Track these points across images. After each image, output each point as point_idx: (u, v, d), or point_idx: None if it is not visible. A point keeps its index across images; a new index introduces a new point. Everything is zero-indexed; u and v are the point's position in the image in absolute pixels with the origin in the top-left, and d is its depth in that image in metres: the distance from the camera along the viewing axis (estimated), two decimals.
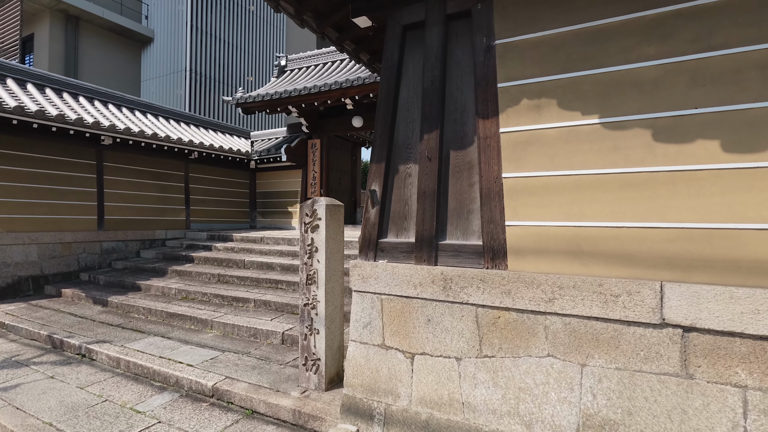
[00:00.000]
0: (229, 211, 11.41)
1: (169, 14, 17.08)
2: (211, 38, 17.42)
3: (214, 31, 17.54)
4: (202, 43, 17.02)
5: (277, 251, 7.84)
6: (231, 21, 18.33)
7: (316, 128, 11.06)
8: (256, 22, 19.61)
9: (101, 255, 8.42)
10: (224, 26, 18.02)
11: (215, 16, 17.60)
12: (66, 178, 7.91)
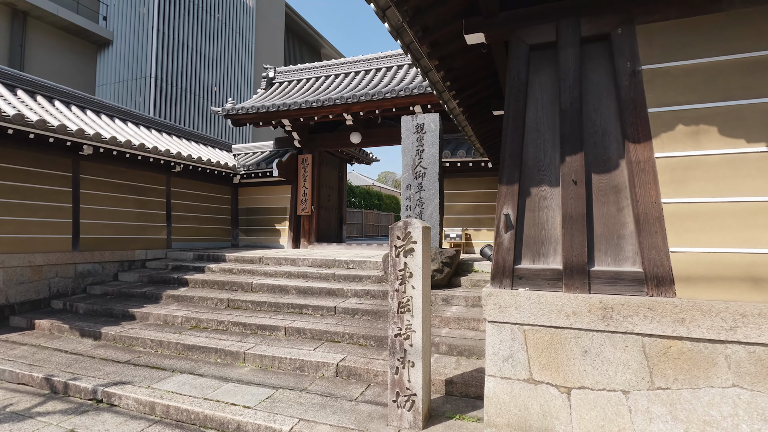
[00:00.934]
0: (210, 229, 10.62)
1: (131, 16, 15.94)
2: (178, 45, 16.44)
3: (181, 37, 16.59)
4: (168, 49, 16.00)
5: (284, 272, 7.35)
6: (198, 28, 17.47)
7: (306, 143, 10.70)
8: (224, 30, 18.85)
9: (75, 279, 7.42)
10: (191, 33, 17.11)
11: (182, 21, 16.68)
12: (38, 192, 6.93)
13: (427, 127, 6.48)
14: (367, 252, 9.40)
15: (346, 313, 5.65)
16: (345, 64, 10.80)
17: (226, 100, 18.80)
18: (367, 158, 12.97)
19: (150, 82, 15.23)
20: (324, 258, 7.82)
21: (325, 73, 10.83)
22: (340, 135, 10.42)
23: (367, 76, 10.09)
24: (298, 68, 11.26)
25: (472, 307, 5.53)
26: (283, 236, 10.83)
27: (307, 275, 7.18)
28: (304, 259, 7.91)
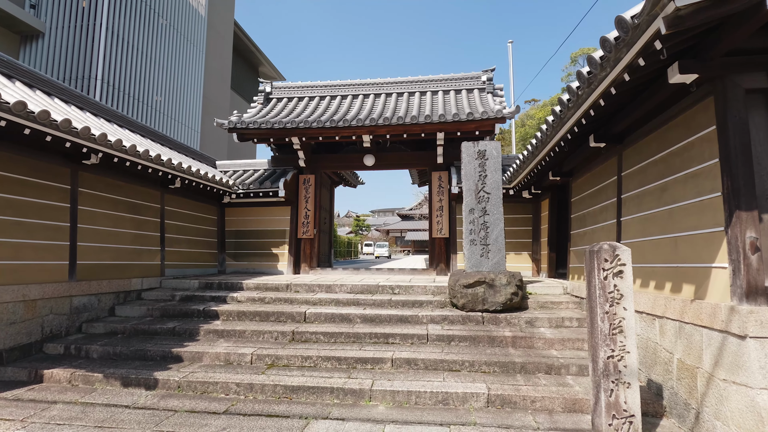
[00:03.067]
0: (198, 254, 9.43)
1: (68, 9, 13.86)
2: (127, 47, 14.63)
3: (130, 39, 14.82)
4: (117, 51, 14.16)
5: (330, 300, 6.85)
6: (149, 32, 15.81)
7: (309, 163, 10.24)
8: (175, 37, 17.31)
9: (70, 316, 6.02)
10: (142, 36, 15.39)
11: (132, 23, 14.95)
12: (35, 208, 5.57)
13: (489, 153, 6.71)
14: (384, 276, 9.16)
15: (440, 340, 5.44)
16: (349, 86, 10.68)
17: (172, 110, 17.09)
18: (356, 181, 12.75)
19: (95, 84, 13.26)
20: (359, 284, 7.44)
21: (330, 93, 10.57)
22: (350, 157, 10.16)
23: (378, 100, 10.10)
24: (297, 85, 10.80)
25: (557, 328, 5.74)
26: (282, 261, 10.03)
27: (359, 302, 6.77)
28: (341, 285, 7.45)
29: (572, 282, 6.85)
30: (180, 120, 17.57)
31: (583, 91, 4.04)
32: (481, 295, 6.07)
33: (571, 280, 6.97)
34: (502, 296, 6.02)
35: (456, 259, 9.39)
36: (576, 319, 5.85)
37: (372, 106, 9.82)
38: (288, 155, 10.36)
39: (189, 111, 18.22)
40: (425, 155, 10.03)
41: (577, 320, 5.84)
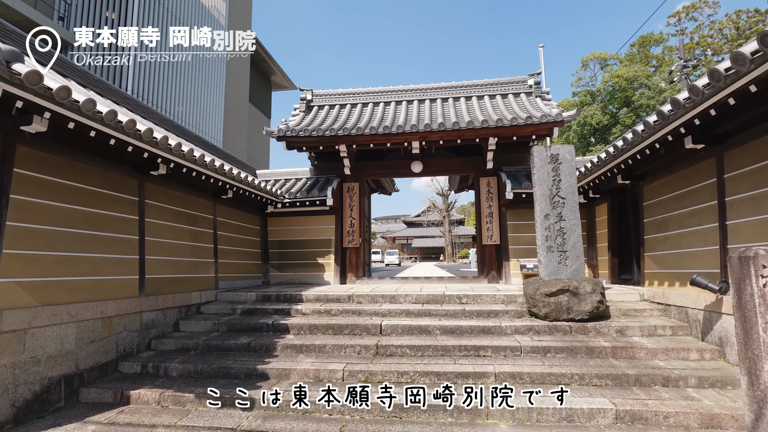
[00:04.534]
0: (245, 265, 9.22)
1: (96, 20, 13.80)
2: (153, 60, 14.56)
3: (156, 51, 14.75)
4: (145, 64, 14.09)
5: (401, 311, 6.63)
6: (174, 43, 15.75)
7: (354, 170, 10.07)
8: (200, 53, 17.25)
9: (140, 332, 5.79)
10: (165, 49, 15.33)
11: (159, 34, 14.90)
12: (108, 221, 5.38)
13: (563, 157, 6.54)
14: (431, 285, 8.95)
15: (535, 352, 5.22)
16: (391, 92, 10.55)
17: (195, 122, 16.97)
18: (392, 188, 12.58)
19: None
20: (424, 294, 7.23)
21: (372, 100, 10.44)
22: (395, 164, 10.00)
23: (423, 106, 9.96)
24: (338, 92, 10.68)
25: (652, 337, 5.53)
26: (327, 271, 9.81)
27: (431, 313, 6.55)
28: (405, 296, 7.24)
29: (650, 288, 6.64)
30: (202, 131, 17.44)
31: (699, 97, 3.96)
32: (565, 303, 5.86)
33: (649, 286, 6.75)
34: (588, 304, 5.81)
35: (508, 267, 9.18)
36: (669, 327, 5.63)
37: (418, 112, 9.67)
38: (329, 163, 10.20)
39: (211, 123, 18.12)
40: (472, 161, 9.87)
41: (669, 328, 5.62)
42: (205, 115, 17.63)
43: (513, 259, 9.16)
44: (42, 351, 4.31)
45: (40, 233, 4.40)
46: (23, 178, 4.27)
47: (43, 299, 4.38)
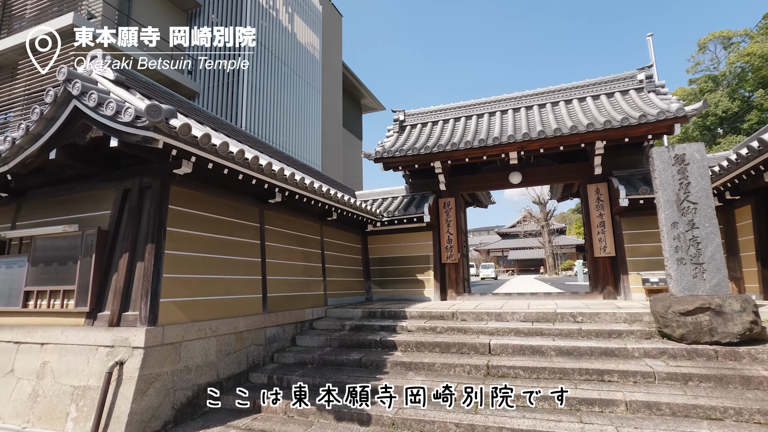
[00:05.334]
0: (349, 282, 9.66)
1: (218, 70, 15.89)
2: (263, 97, 16.31)
3: (264, 89, 16.50)
4: (255, 102, 15.83)
5: (509, 330, 6.37)
6: (278, 80, 17.47)
7: (449, 185, 10.04)
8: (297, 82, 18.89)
9: (265, 346, 6.39)
10: (273, 85, 17.07)
11: (266, 74, 16.67)
12: (238, 246, 6.09)
13: (690, 157, 5.80)
14: (539, 302, 8.44)
15: (673, 379, 4.63)
16: (483, 104, 10.41)
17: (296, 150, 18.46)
18: (488, 201, 12.29)
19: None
20: (532, 311, 6.86)
21: (464, 114, 10.41)
22: (491, 176, 9.79)
23: (519, 114, 9.65)
24: (429, 110, 10.85)
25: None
26: (427, 287, 9.86)
27: (542, 332, 6.19)
28: (512, 313, 6.95)
29: None
30: (303, 158, 18.89)
31: None
32: (705, 324, 5.11)
33: None
34: (737, 326, 4.99)
35: (627, 281, 8.30)
36: None
37: (514, 121, 9.38)
38: (424, 180, 10.32)
39: (310, 149, 19.55)
40: (577, 167, 9.23)
41: None
42: (305, 142, 19.11)
43: (632, 273, 8.27)
44: (192, 361, 4.99)
45: (189, 259, 5.15)
46: (175, 213, 5.05)
47: (192, 316, 5.09)
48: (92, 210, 5.21)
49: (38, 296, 5.20)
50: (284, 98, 17.82)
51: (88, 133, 4.31)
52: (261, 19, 16.69)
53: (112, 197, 5.14)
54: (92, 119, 4.13)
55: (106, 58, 4.95)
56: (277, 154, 8.60)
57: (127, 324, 4.65)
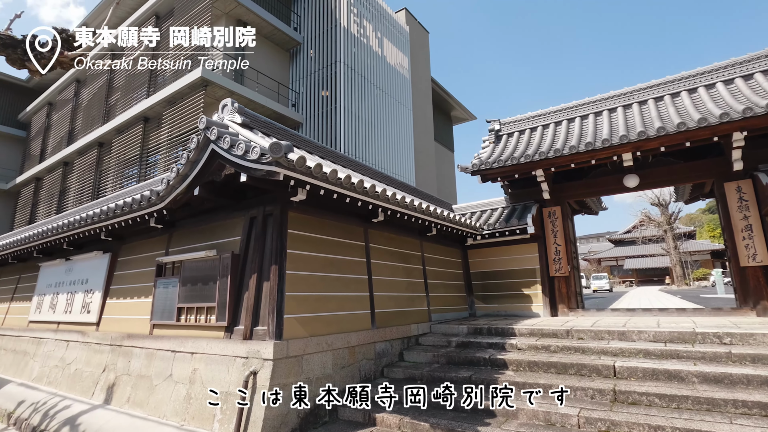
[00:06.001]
0: (451, 297, 9.57)
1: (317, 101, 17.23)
2: (358, 121, 17.24)
3: (359, 113, 17.42)
4: (351, 127, 16.79)
5: (633, 350, 5.73)
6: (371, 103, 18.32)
7: (553, 194, 9.45)
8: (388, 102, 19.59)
9: (375, 361, 6.62)
10: (367, 108, 17.95)
11: (360, 99, 17.61)
12: (347, 264, 6.46)
13: None
14: (670, 319, 7.42)
15: None
16: (587, 104, 9.70)
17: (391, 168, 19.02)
18: (599, 207, 11.31)
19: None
20: (664, 330, 6.07)
21: (566, 117, 9.80)
22: (601, 181, 9.02)
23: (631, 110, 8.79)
24: (526, 117, 10.44)
25: None
26: (535, 302, 9.33)
27: (679, 355, 5.45)
28: (639, 332, 6.23)
29: None
30: (398, 174, 19.39)
31: None
32: None
33: None
34: None
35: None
36: None
37: (625, 118, 8.55)
38: (525, 189, 9.88)
39: (404, 166, 20.00)
40: (708, 164, 8.05)
41: None
42: (399, 159, 19.64)
43: None
44: (312, 373, 5.39)
45: (306, 278, 5.61)
46: (293, 236, 5.56)
47: (311, 331, 5.51)
48: (226, 237, 5.99)
49: (188, 312, 6.09)
50: (378, 119, 18.59)
51: (222, 171, 5.00)
52: (352, 47, 17.75)
53: (241, 225, 5.86)
54: (226, 159, 4.79)
55: (234, 105, 5.73)
56: (376, 174, 8.99)
57: (257, 338, 5.20)
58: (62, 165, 21.09)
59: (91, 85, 20.26)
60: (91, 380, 7.13)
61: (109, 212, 6.71)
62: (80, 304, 8.38)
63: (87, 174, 19.00)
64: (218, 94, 14.36)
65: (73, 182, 20.06)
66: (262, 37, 17.26)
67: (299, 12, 18.84)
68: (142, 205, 6.09)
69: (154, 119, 15.93)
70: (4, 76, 25.53)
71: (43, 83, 24.79)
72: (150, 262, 7.05)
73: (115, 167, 17.31)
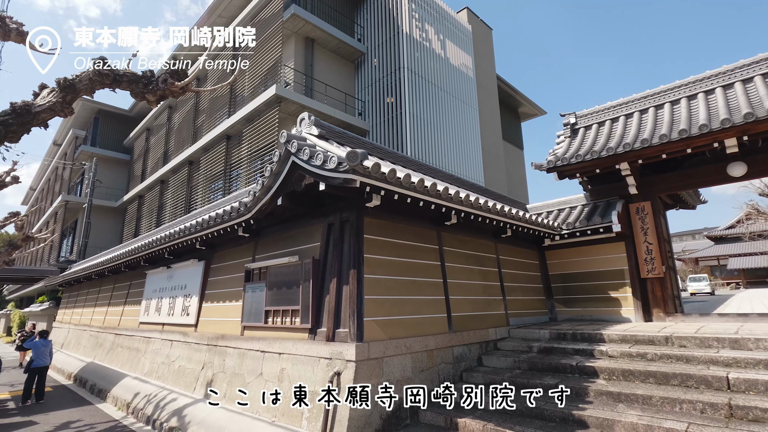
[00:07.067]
0: (529, 301, 9.16)
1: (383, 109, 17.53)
2: (424, 124, 17.26)
3: (424, 116, 17.43)
4: (418, 131, 16.86)
5: (752, 360, 5.07)
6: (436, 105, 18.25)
7: (640, 188, 8.69)
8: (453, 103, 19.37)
9: (453, 365, 6.54)
10: (431, 110, 17.91)
11: (425, 102, 17.62)
12: (421, 268, 6.48)
13: None
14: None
15: None
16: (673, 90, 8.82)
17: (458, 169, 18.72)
18: (696, 200, 10.20)
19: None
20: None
21: (651, 104, 8.98)
22: (699, 171, 8.14)
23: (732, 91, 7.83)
24: (605, 107, 9.74)
25: None
26: (625, 306, 8.63)
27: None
28: (757, 340, 5.50)
29: None
30: (466, 175, 19.06)
31: None
32: None
33: None
34: None
35: None
36: None
37: (726, 100, 7.63)
38: (608, 185, 9.19)
39: (472, 167, 19.61)
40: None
41: None
42: (466, 160, 19.31)
43: None
44: (392, 375, 5.46)
45: (383, 282, 5.72)
46: (369, 241, 5.71)
47: (390, 334, 5.60)
48: (307, 243, 6.31)
49: (274, 314, 6.50)
50: (443, 121, 18.47)
51: (303, 181, 5.28)
52: (415, 52, 17.83)
53: (320, 231, 6.14)
54: (306, 169, 5.06)
55: (311, 118, 6.04)
56: (446, 177, 8.93)
57: (339, 340, 5.40)
58: (159, 183, 23.63)
59: (181, 109, 22.51)
60: (192, 376, 7.87)
61: (204, 224, 7.38)
62: (180, 308, 9.30)
63: (180, 190, 21.09)
64: (291, 109, 15.20)
65: (168, 198, 22.39)
66: (329, 51, 17.99)
67: (362, 23, 19.36)
68: (231, 216, 6.62)
69: (235, 137, 17.28)
70: (112, 107, 29.33)
71: (143, 111, 28.06)
72: (239, 268, 7.63)
73: (203, 183, 19.03)
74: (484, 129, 21.57)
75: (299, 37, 16.73)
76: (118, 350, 11.87)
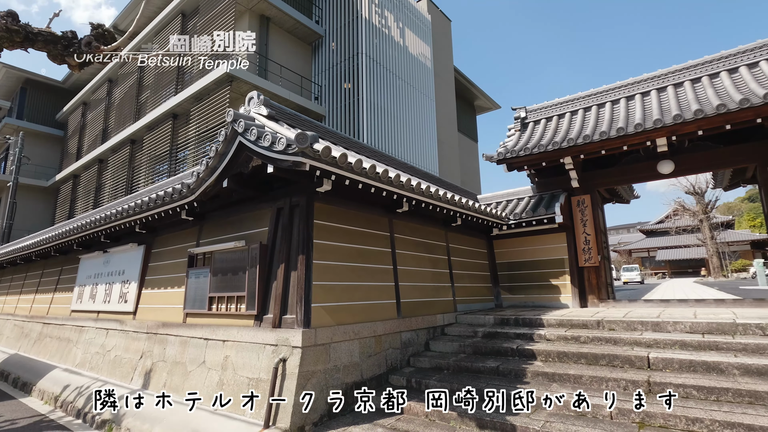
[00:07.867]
0: (476, 288, 9.48)
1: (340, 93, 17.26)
2: (381, 112, 17.19)
3: (381, 104, 17.36)
4: (374, 119, 16.76)
5: (668, 341, 5.56)
6: (393, 94, 18.21)
7: (582, 182, 9.19)
8: (411, 93, 19.43)
9: (401, 350, 6.65)
10: (389, 99, 17.86)
11: (382, 90, 17.54)
12: (372, 254, 6.49)
13: None
14: (710, 310, 7.13)
15: None
16: (616, 89, 9.35)
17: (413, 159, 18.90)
18: (630, 195, 10.95)
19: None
20: (701, 321, 5.85)
21: (595, 102, 9.48)
22: (633, 168, 8.72)
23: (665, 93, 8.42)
24: (553, 103, 10.16)
25: None
26: (564, 293, 9.15)
27: (718, 346, 5.25)
28: (674, 323, 6.04)
29: None
30: (421, 165, 19.28)
31: None
32: None
33: None
34: None
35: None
36: None
37: (659, 102, 8.20)
38: (553, 178, 9.64)
39: (427, 157, 19.85)
40: (750, 148, 7.64)
41: None
42: (422, 150, 19.50)
43: None
44: (340, 361, 5.46)
45: (332, 268, 5.67)
46: (319, 227, 5.62)
47: (338, 320, 5.58)
48: (254, 228, 6.12)
49: (218, 301, 6.27)
50: (400, 110, 18.49)
51: (250, 163, 5.08)
52: (374, 38, 17.64)
53: (268, 216, 5.97)
54: (253, 150, 4.87)
55: (260, 98, 5.81)
56: (400, 165, 8.96)
57: (286, 326, 5.31)
58: (97, 162, 21.98)
59: (123, 84, 20.95)
60: (129, 366, 7.46)
61: (143, 205, 6.95)
62: (118, 294, 8.75)
63: (121, 170, 19.73)
64: (243, 89, 14.58)
65: (107, 179, 20.89)
66: (285, 31, 17.40)
67: (320, 5, 18.86)
68: (173, 197, 6.27)
69: (182, 116, 16.35)
70: (42, 77, 26.72)
71: (78, 83, 25.81)
72: (182, 253, 7.28)
73: (146, 163, 17.91)
74: (440, 120, 21.86)
75: (253, 14, 16.03)
76: (46, 341, 11.01)
